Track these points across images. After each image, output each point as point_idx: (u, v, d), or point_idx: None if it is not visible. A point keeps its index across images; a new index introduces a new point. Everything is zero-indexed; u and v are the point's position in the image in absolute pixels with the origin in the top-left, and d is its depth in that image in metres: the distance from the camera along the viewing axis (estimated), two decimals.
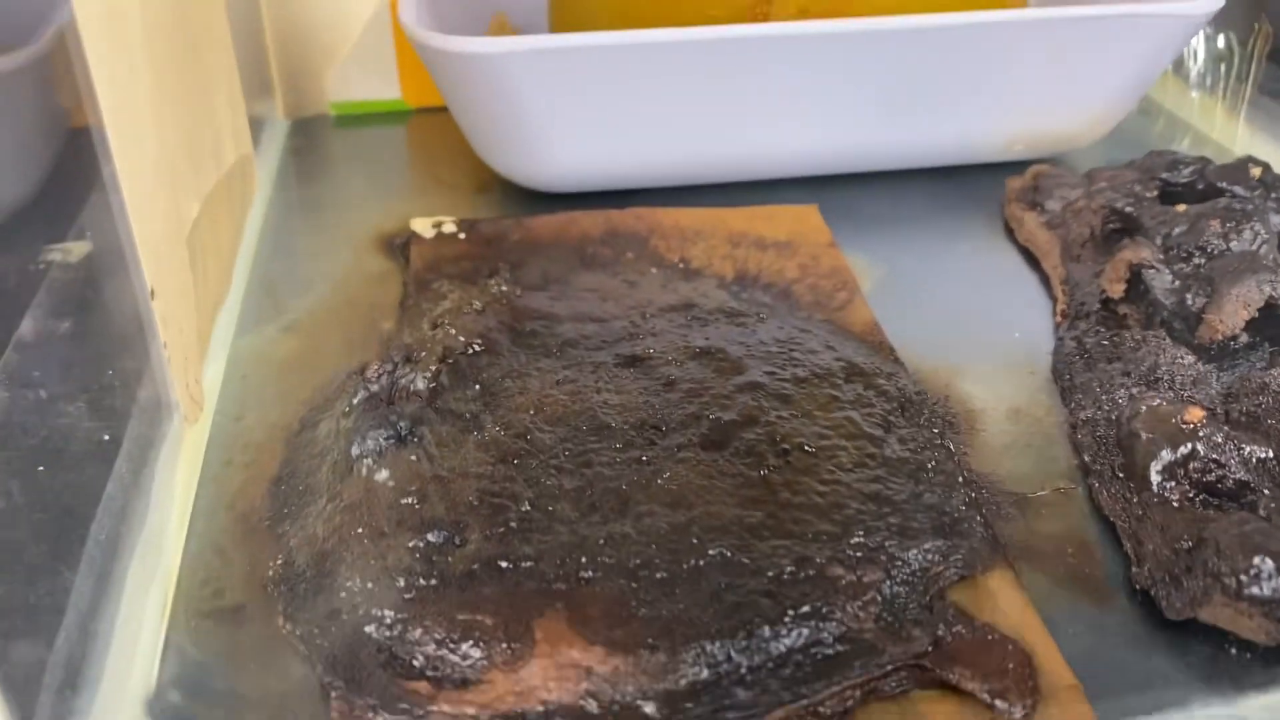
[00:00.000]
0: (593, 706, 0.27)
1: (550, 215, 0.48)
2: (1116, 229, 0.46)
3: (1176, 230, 0.43)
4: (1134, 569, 0.31)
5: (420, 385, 0.36)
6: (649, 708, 0.27)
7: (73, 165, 0.51)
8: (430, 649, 0.28)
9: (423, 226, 0.48)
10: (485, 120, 0.49)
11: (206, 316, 0.39)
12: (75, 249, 0.45)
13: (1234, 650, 0.29)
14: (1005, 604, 0.30)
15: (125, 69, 0.30)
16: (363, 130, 0.59)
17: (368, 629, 0.29)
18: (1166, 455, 0.33)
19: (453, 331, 0.39)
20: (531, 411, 0.36)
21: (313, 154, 0.57)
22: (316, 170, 0.55)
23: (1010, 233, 0.49)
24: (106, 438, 0.36)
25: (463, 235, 0.48)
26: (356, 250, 0.48)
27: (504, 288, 0.43)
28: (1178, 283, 0.41)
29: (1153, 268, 0.41)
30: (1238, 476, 0.32)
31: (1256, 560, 0.29)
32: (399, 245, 0.48)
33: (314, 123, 0.60)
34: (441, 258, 0.46)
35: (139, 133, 0.31)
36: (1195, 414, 0.33)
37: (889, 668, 0.28)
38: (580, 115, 0.47)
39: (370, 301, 0.44)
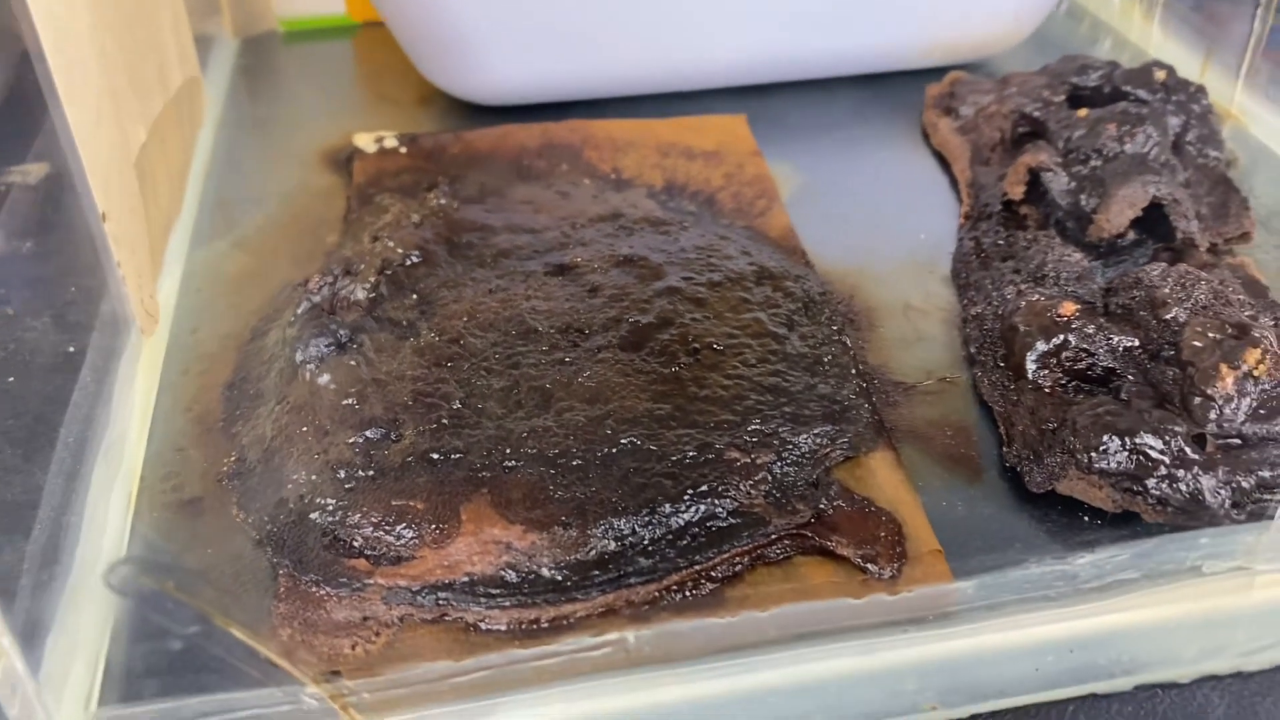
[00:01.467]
0: (511, 576, 0.31)
1: (488, 129, 0.51)
2: (1026, 133, 0.49)
3: (1076, 134, 0.46)
4: (1004, 449, 0.35)
5: (360, 295, 0.39)
6: (560, 575, 0.31)
7: (29, 85, 0.53)
8: (368, 531, 0.32)
9: (365, 142, 0.50)
10: (422, 35, 0.51)
11: (159, 235, 0.41)
12: (34, 170, 0.47)
13: (1086, 518, 0.33)
14: (883, 481, 0.34)
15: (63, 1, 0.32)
16: (311, 46, 0.61)
17: (312, 515, 0.33)
18: (1041, 346, 0.36)
19: (391, 244, 0.42)
20: (465, 319, 0.39)
21: (262, 72, 0.58)
22: (266, 89, 0.57)
23: (927, 138, 0.51)
24: (71, 350, 0.39)
25: (404, 149, 0.50)
26: (304, 167, 0.50)
27: (442, 201, 0.45)
28: (1074, 184, 0.44)
29: (1050, 170, 0.44)
30: (1105, 364, 0.36)
31: (1106, 438, 0.32)
32: (343, 160, 0.50)
33: (263, 40, 0.61)
34: (383, 172, 0.49)
35: (81, 63, 0.33)
36: (1069, 308, 0.37)
37: (774, 536, 0.32)
38: (515, 27, 0.49)
39: (316, 216, 0.47)
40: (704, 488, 0.32)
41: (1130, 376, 0.36)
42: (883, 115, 0.53)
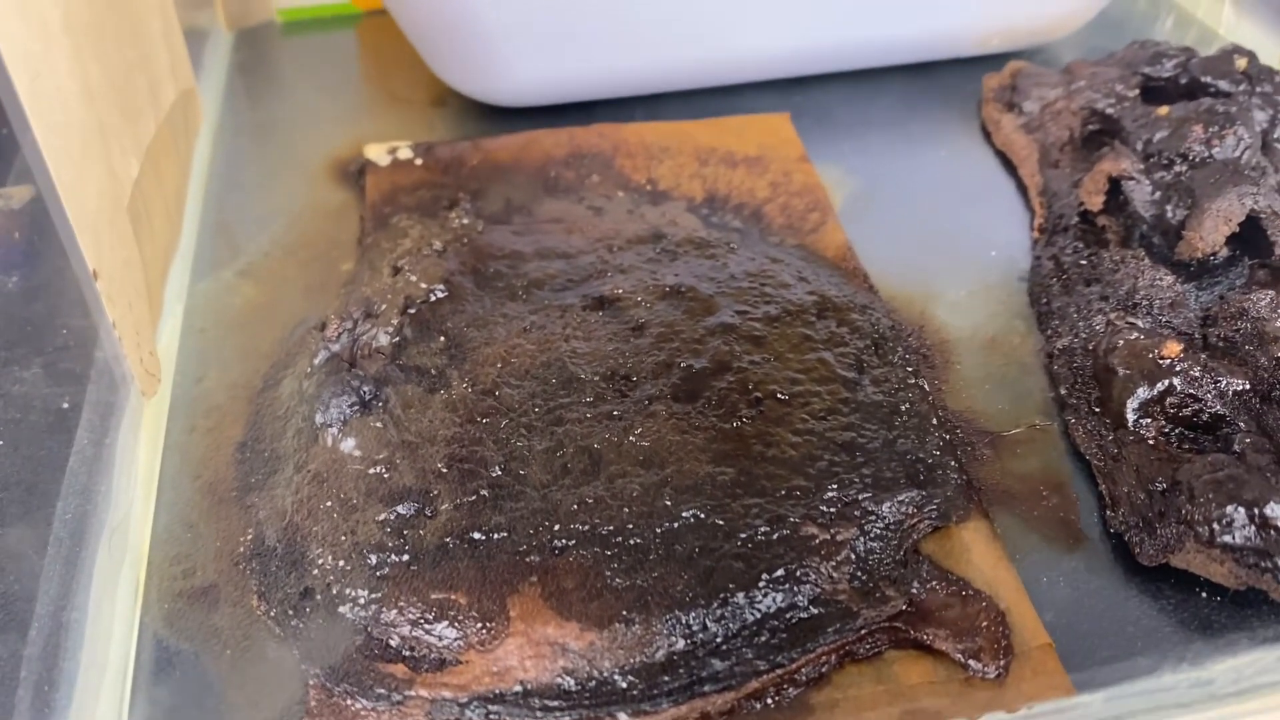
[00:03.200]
0: (570, 684, 0.27)
1: (510, 135, 0.47)
2: (1096, 131, 0.45)
3: (1158, 136, 0.42)
4: (1109, 512, 0.31)
5: (383, 341, 0.35)
6: (625, 682, 0.27)
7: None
8: (405, 630, 0.28)
9: (377, 153, 0.46)
10: (434, 33, 0.46)
11: (158, 276, 0.37)
12: (16, 194, 0.43)
13: (1204, 594, 0.29)
14: (979, 557, 0.30)
15: (36, 26, 0.28)
16: (311, 38, 0.56)
17: (342, 610, 0.29)
18: (1143, 392, 0.33)
19: (413, 278, 0.38)
20: (499, 365, 0.35)
21: (259, 69, 0.54)
22: (264, 88, 0.53)
23: (988, 135, 0.47)
24: (65, 405, 0.35)
25: (419, 161, 0.46)
26: (310, 180, 0.46)
27: (465, 221, 0.42)
28: (1158, 194, 0.40)
29: (1132, 179, 0.40)
30: (1214, 410, 0.32)
31: (1229, 509, 0.29)
32: (354, 173, 0.46)
33: (259, 33, 0.57)
34: (398, 187, 0.45)
35: (62, 105, 0.29)
36: (1173, 349, 0.33)
37: (864, 631, 0.28)
38: (534, 22, 0.45)
39: (328, 239, 0.43)
40: (780, 572, 0.29)
41: (1242, 424, 0.32)
42: (937, 109, 0.49)
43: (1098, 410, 0.34)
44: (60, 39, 0.29)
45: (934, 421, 0.34)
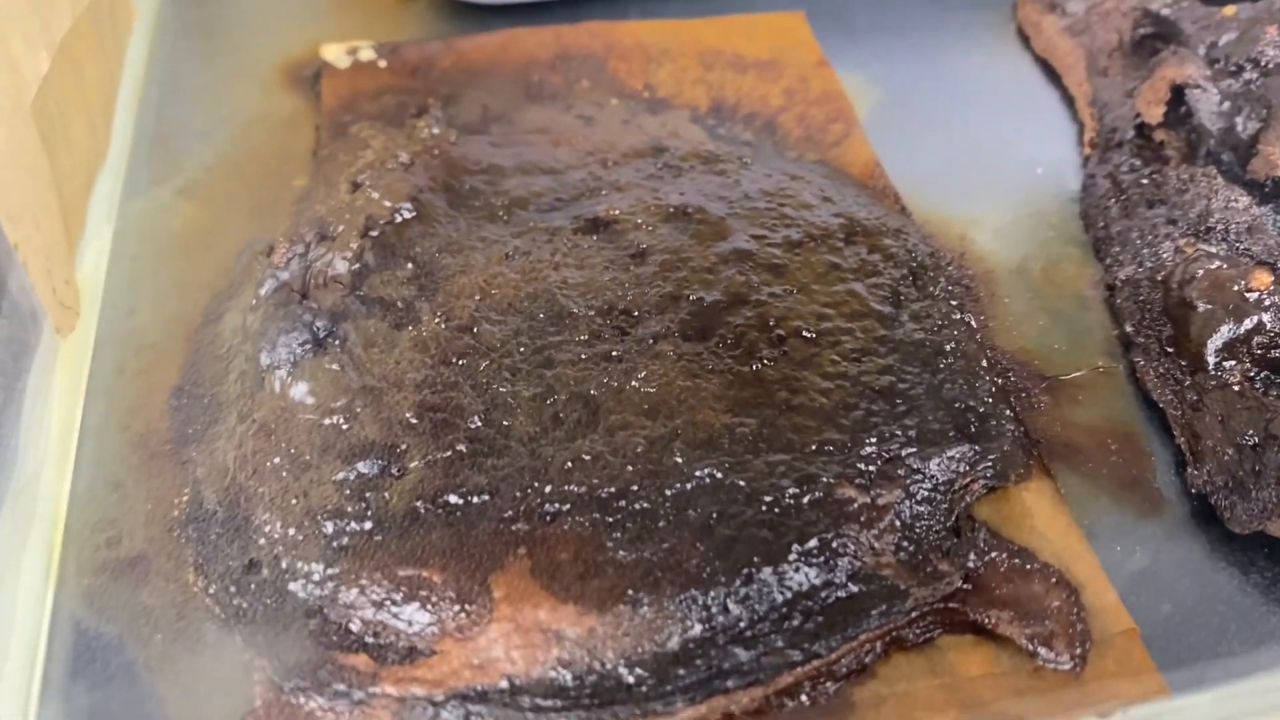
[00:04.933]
0: (566, 678, 0.23)
1: (487, 35, 0.41)
2: (1149, 34, 0.40)
3: (1224, 39, 0.37)
4: (1190, 470, 0.27)
5: (340, 268, 0.30)
6: (632, 676, 0.23)
7: None
8: (369, 613, 0.24)
9: (335, 54, 0.40)
10: None
11: (77, 192, 0.32)
12: None
13: None
14: (1044, 524, 0.26)
15: None
16: None
17: (293, 587, 0.25)
18: (1227, 330, 0.28)
19: (375, 195, 0.33)
20: (477, 297, 0.30)
21: None
22: None
23: (1025, 40, 0.42)
24: None
25: (383, 63, 0.40)
26: (260, 87, 0.40)
27: (435, 131, 0.36)
28: (1226, 104, 0.35)
29: (1198, 86, 0.35)
30: None
31: None
32: (309, 77, 0.40)
33: None
34: (359, 93, 0.39)
35: None
36: (1262, 280, 0.28)
37: (914, 613, 0.24)
38: None
39: (278, 152, 0.37)
40: (813, 542, 0.24)
41: None
42: (967, 10, 0.43)
43: (1171, 351, 0.29)
44: None
45: (983, 364, 0.29)
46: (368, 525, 0.25)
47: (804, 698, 0.23)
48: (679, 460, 0.26)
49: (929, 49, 0.41)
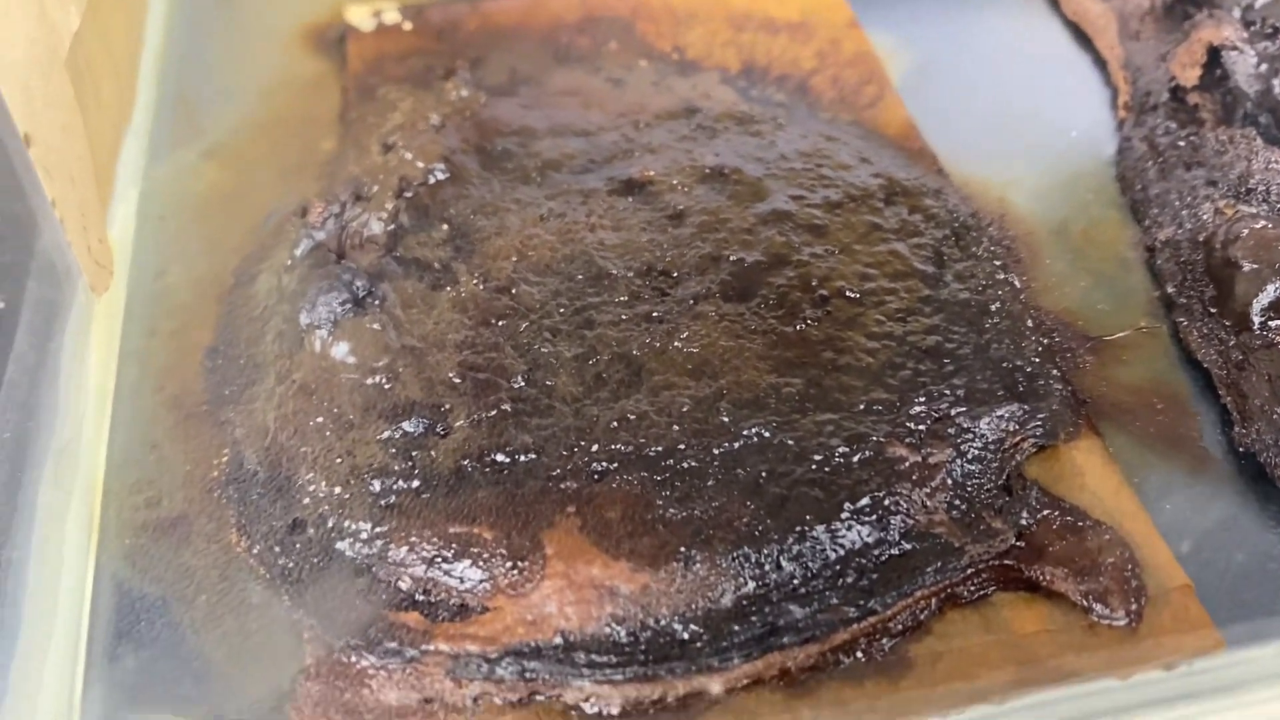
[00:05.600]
0: (621, 635, 0.23)
1: None
2: None
3: (1260, 1, 0.36)
4: (1238, 429, 0.27)
5: (376, 229, 0.30)
6: (687, 633, 0.23)
7: None
8: (419, 570, 0.24)
9: (360, 16, 0.40)
10: None
11: (107, 150, 0.32)
12: None
13: None
14: (1095, 482, 0.26)
15: None
16: None
17: (340, 546, 0.24)
18: (1273, 289, 0.28)
19: (408, 156, 0.32)
20: (514, 258, 0.30)
21: None
22: None
23: (1055, 3, 0.42)
24: (1, 305, 0.30)
25: (408, 25, 0.40)
26: (283, 48, 0.40)
27: (464, 93, 0.36)
28: (1264, 66, 0.35)
29: (1235, 49, 0.35)
30: None
31: None
32: (333, 40, 0.40)
33: None
34: (385, 55, 0.39)
35: None
36: None
37: (969, 570, 0.24)
38: None
39: (303, 115, 0.37)
40: (866, 500, 0.24)
41: None
42: None
43: (1214, 311, 0.29)
44: None
45: (1028, 324, 0.29)
46: (415, 483, 0.25)
47: (860, 654, 0.23)
48: (725, 420, 0.26)
49: (959, 11, 0.41)
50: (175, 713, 0.22)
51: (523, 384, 0.27)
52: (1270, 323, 0.28)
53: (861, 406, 0.26)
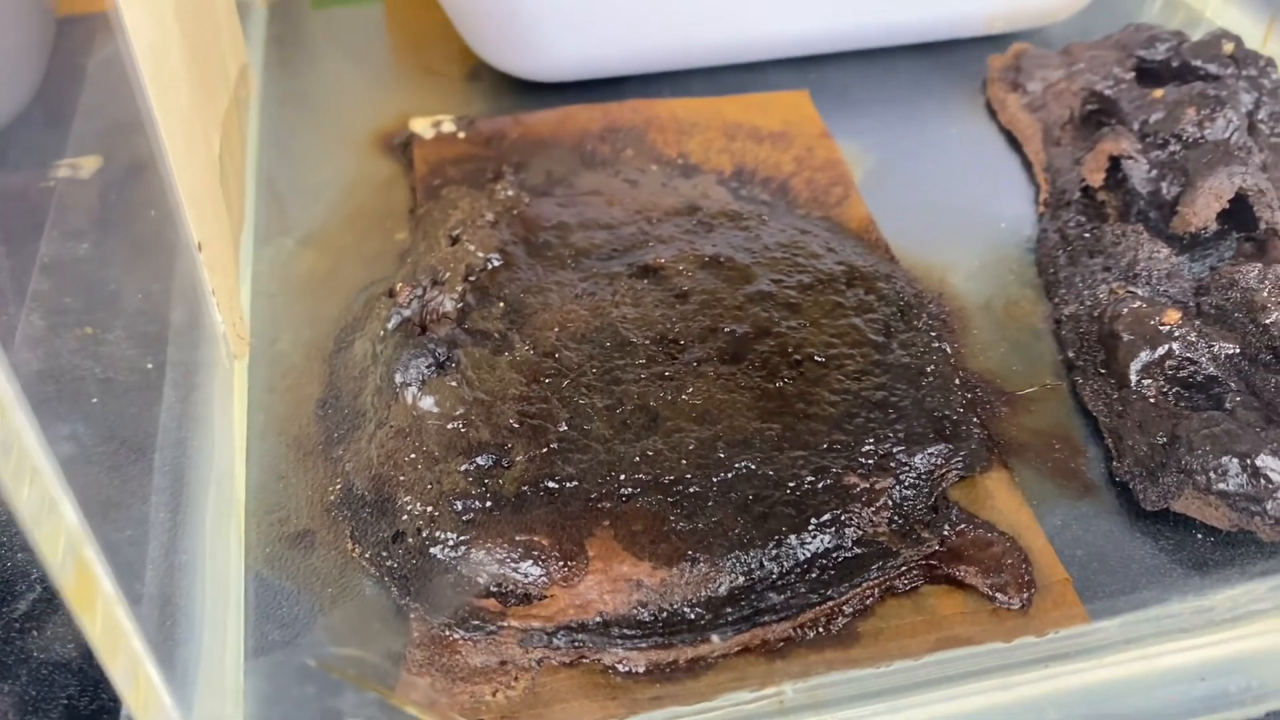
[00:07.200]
0: (645, 615, 0.31)
1: (547, 111, 0.49)
2: (1095, 110, 0.48)
3: (1154, 117, 0.45)
4: (1115, 463, 0.35)
5: (449, 306, 0.38)
6: (693, 614, 0.31)
7: (65, 61, 0.51)
8: (494, 568, 0.32)
9: (423, 127, 0.48)
10: (475, 9, 0.49)
11: (236, 244, 0.40)
12: (85, 164, 0.46)
13: (1200, 535, 0.33)
14: (1002, 503, 0.34)
15: (155, 17, 0.30)
16: (340, 12, 0.58)
17: (433, 550, 0.32)
18: (1145, 355, 0.36)
19: (472, 247, 0.41)
20: (556, 329, 0.38)
21: (294, 42, 0.56)
22: (300, 59, 0.55)
23: (993, 113, 0.50)
24: (150, 366, 0.38)
25: (462, 134, 0.48)
26: (357, 153, 0.48)
27: (511, 193, 0.44)
28: (1154, 171, 0.43)
29: (1131, 158, 0.44)
30: (1208, 372, 0.36)
31: (1224, 460, 0.32)
32: (399, 145, 0.48)
33: (290, 6, 0.58)
34: (444, 159, 0.47)
35: (174, 90, 0.31)
36: (1172, 316, 0.36)
37: (903, 568, 0.32)
38: (574, 2, 0.47)
39: (380, 209, 0.45)
40: (827, 516, 0.32)
41: (1233, 384, 0.36)
42: (945, 87, 0.52)
43: (1103, 371, 0.37)
44: (172, 27, 0.31)
45: (956, 382, 0.37)
46: (488, 504, 0.33)
47: (821, 630, 0.31)
48: (722, 456, 0.34)
49: (913, 120, 0.50)
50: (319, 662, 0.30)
51: (566, 428, 0.35)
52: (1143, 381, 0.36)
53: (825, 446, 0.34)
